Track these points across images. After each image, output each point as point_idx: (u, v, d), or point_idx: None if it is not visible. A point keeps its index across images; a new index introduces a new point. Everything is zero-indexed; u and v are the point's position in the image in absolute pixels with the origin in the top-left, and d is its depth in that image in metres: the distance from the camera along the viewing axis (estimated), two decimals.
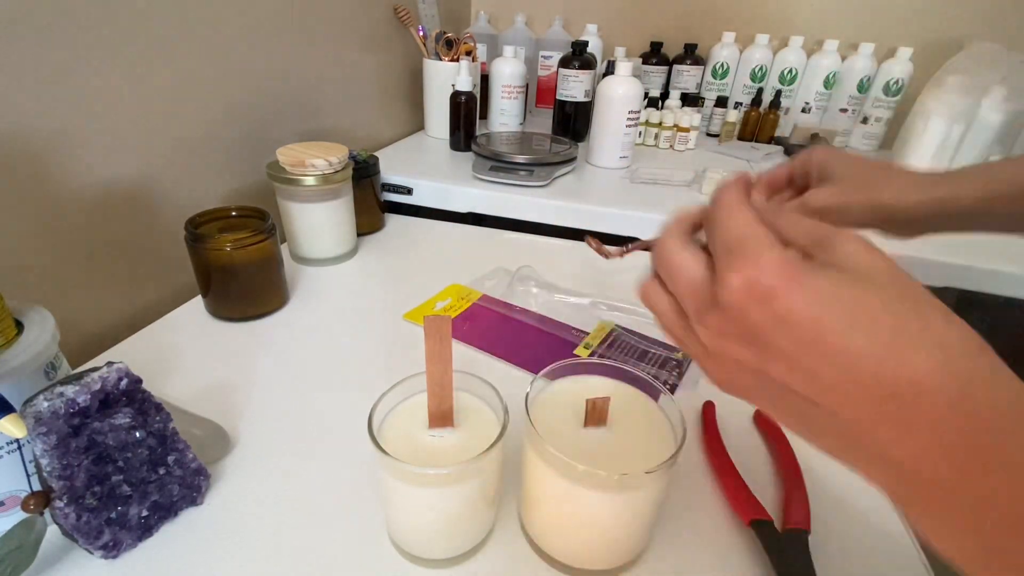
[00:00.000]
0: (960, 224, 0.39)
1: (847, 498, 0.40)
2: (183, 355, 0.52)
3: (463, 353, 0.54)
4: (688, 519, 0.38)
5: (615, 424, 0.33)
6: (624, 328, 0.58)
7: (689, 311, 0.23)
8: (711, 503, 0.39)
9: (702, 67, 1.26)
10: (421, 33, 1.06)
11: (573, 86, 1.08)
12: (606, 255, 0.38)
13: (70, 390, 0.30)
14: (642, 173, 0.94)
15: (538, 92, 1.37)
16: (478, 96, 1.03)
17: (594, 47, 1.24)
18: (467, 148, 1.02)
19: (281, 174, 0.62)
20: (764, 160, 1.08)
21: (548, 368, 0.35)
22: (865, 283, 0.19)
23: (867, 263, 0.19)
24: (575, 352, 0.54)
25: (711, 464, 0.41)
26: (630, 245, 0.38)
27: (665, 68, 1.29)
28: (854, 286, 0.19)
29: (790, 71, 1.18)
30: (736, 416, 0.47)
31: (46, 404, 0.30)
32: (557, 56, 1.22)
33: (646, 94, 1.10)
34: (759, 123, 1.21)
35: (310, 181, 0.62)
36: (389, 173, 0.88)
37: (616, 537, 0.33)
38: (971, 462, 0.17)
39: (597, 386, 0.36)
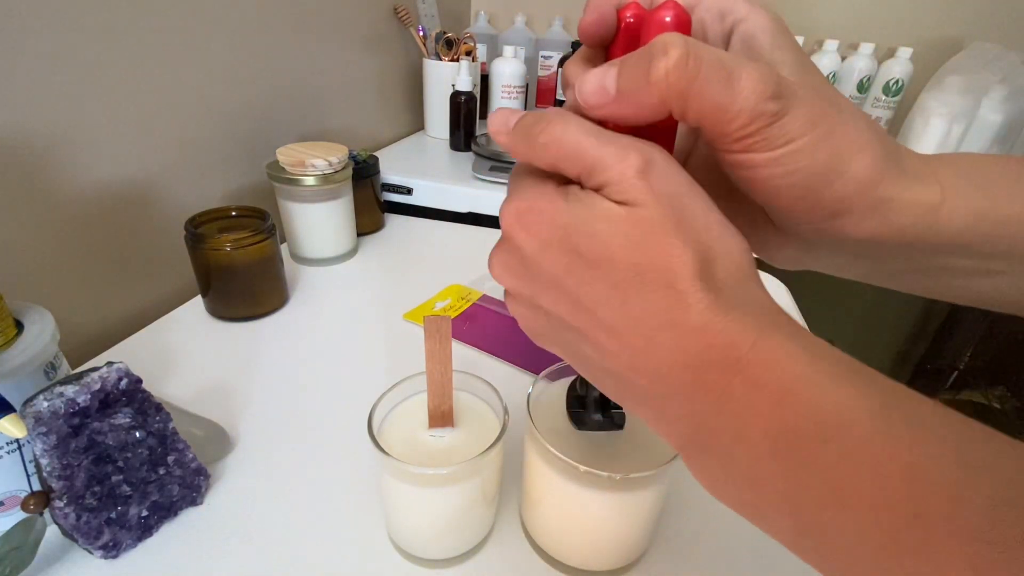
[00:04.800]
0: (901, 262, 0.24)
1: None
2: (183, 355, 0.52)
3: (463, 353, 0.54)
4: (690, 520, 0.38)
5: None
6: None
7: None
8: (715, 502, 0.39)
9: None
10: (421, 33, 1.06)
11: None
12: None
13: (70, 390, 0.30)
14: None
15: (538, 92, 1.37)
16: (478, 96, 1.04)
17: None
18: (467, 148, 1.02)
19: (281, 174, 0.62)
20: None
21: (550, 369, 0.35)
22: (630, 209, 0.18)
23: (638, 194, 0.18)
24: None
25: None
26: None
27: None
28: (617, 211, 0.18)
29: None
30: None
31: (46, 404, 0.30)
32: (557, 56, 1.22)
33: None
34: None
35: (310, 181, 0.62)
36: (389, 173, 0.88)
37: (617, 538, 0.33)
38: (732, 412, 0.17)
39: None
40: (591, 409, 0.30)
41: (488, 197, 0.86)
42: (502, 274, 0.22)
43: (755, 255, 0.26)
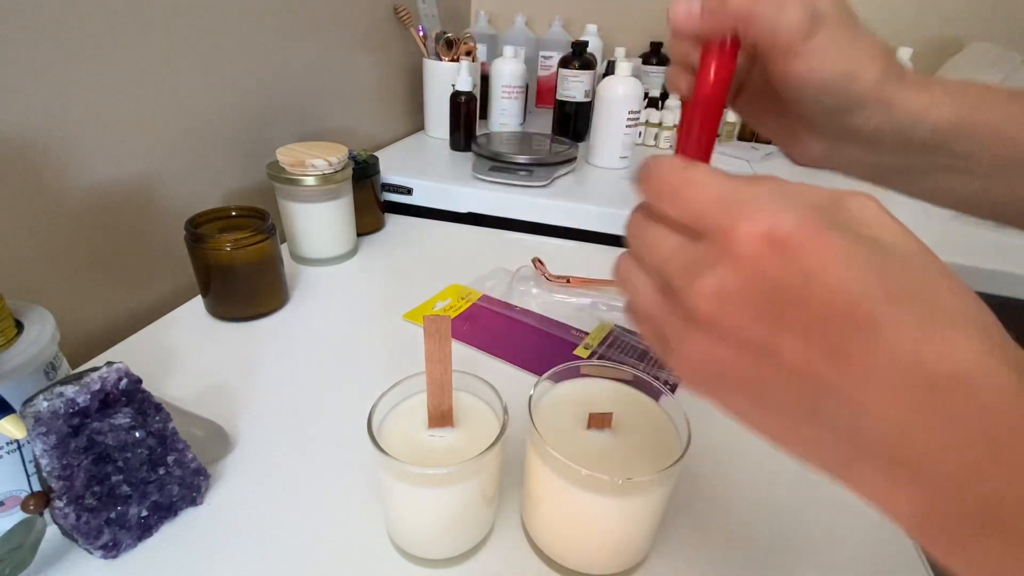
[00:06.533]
0: (896, 157, 0.30)
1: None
2: (183, 355, 0.52)
3: (463, 353, 0.54)
4: (693, 526, 0.38)
5: (619, 427, 0.33)
6: (624, 328, 0.58)
7: (676, 275, 0.19)
8: (717, 506, 0.39)
9: None
10: (421, 33, 1.06)
11: (573, 86, 1.08)
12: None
13: (70, 390, 0.30)
14: None
15: (538, 92, 1.37)
16: (478, 96, 1.03)
17: (594, 47, 1.24)
18: (467, 148, 1.02)
19: (281, 174, 0.62)
20: (763, 160, 1.08)
21: (552, 371, 0.35)
22: (890, 250, 0.17)
23: (890, 228, 0.17)
24: (575, 352, 0.54)
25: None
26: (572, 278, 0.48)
27: (665, 68, 1.29)
28: (882, 253, 0.16)
29: None
30: None
31: (46, 404, 0.30)
32: (557, 56, 1.22)
33: (646, 94, 1.10)
34: None
35: (310, 181, 0.62)
36: (389, 173, 0.88)
37: (618, 542, 0.33)
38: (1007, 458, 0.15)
39: (601, 389, 0.36)
40: None
41: (488, 197, 0.86)
42: (710, 304, 0.18)
43: (790, 155, 0.34)
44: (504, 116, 1.13)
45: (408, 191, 0.88)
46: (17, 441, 0.33)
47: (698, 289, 0.18)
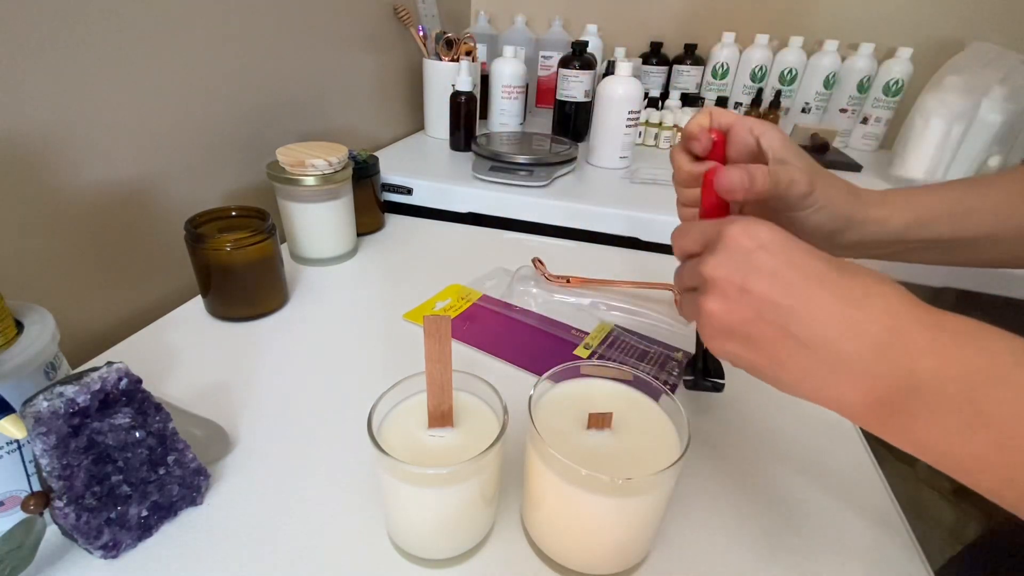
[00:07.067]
0: (878, 251, 0.41)
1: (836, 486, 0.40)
2: (183, 355, 0.52)
3: (463, 353, 0.54)
4: (693, 526, 0.38)
5: (619, 427, 0.33)
6: (624, 328, 0.58)
7: (699, 268, 0.30)
8: (717, 506, 0.39)
9: (702, 67, 1.26)
10: (421, 33, 1.06)
11: (573, 86, 1.08)
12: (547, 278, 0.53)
13: (70, 390, 0.30)
14: (642, 173, 0.94)
15: (538, 92, 1.37)
16: (478, 96, 1.03)
17: (594, 47, 1.24)
18: (467, 148, 1.02)
19: (281, 174, 0.62)
20: None
21: (552, 371, 0.35)
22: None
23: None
24: (575, 352, 0.54)
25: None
26: (571, 278, 0.62)
27: (665, 68, 1.29)
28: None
29: (790, 71, 1.18)
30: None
31: (46, 404, 0.30)
32: (557, 56, 1.22)
33: (646, 94, 1.10)
34: None
35: (310, 181, 0.62)
36: (389, 173, 0.88)
37: (618, 542, 0.33)
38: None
39: (601, 389, 0.36)
40: (699, 376, 0.44)
41: (488, 197, 0.86)
42: (715, 269, 0.29)
43: None
44: (504, 116, 1.13)
45: (408, 191, 0.88)
46: (17, 441, 0.33)
47: (705, 264, 0.30)
